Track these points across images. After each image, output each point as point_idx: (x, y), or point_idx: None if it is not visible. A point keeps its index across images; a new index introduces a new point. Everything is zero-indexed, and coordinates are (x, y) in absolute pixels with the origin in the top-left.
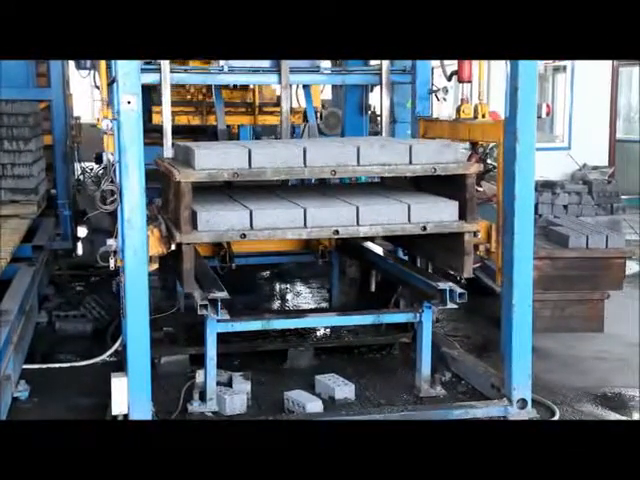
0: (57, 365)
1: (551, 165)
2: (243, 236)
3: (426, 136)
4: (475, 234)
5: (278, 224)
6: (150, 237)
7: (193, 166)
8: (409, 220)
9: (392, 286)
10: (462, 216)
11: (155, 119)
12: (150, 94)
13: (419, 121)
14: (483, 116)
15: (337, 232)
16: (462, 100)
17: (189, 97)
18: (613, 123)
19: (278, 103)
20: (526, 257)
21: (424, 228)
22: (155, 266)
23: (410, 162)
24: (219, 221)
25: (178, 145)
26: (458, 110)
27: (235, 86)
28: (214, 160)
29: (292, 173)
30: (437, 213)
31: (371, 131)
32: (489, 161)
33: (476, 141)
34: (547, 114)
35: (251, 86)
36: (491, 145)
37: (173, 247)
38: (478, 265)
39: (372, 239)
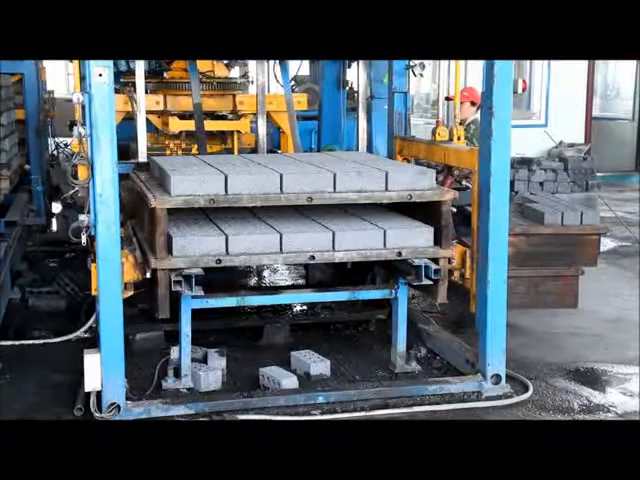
0: (30, 342)
1: (528, 142)
2: (219, 261)
3: (402, 154)
4: (450, 260)
5: (254, 249)
6: (125, 263)
7: (169, 191)
8: (385, 245)
9: (368, 263)
10: (437, 242)
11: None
12: None
13: (395, 139)
14: (458, 139)
15: (313, 257)
16: (437, 122)
17: None
18: (590, 101)
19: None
20: (501, 233)
21: (399, 254)
22: (130, 293)
23: (386, 188)
24: (195, 246)
25: (153, 160)
26: (434, 132)
27: (212, 133)
28: (190, 186)
29: (268, 200)
30: (412, 238)
31: (349, 107)
32: (464, 183)
33: (451, 165)
34: (523, 90)
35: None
36: None
37: (148, 275)
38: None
39: None
